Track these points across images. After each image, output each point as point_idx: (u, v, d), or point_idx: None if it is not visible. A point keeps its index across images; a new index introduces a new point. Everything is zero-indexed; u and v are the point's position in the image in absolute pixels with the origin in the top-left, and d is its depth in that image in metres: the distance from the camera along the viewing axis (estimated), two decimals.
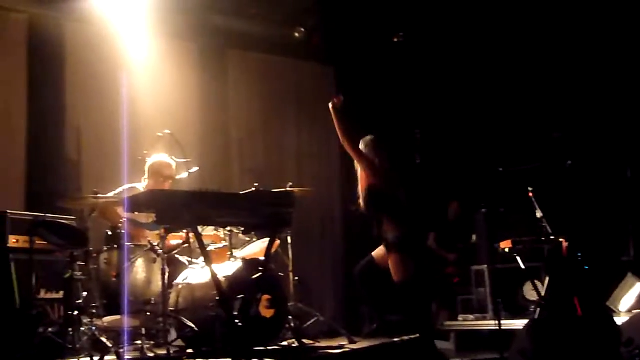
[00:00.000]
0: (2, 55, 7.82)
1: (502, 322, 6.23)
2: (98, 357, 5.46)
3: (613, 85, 9.25)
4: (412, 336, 7.05)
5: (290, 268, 6.86)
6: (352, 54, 10.23)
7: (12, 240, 6.40)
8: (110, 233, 6.17)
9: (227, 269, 5.92)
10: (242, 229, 5.98)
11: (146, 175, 6.72)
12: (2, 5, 7.85)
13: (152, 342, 5.91)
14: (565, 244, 7.08)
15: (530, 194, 7.19)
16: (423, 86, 10.23)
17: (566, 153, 8.22)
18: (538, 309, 6.50)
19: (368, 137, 7.15)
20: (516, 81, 9.73)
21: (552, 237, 7.14)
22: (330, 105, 6.89)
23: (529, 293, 8.43)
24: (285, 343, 6.25)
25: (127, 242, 6.04)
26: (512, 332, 6.83)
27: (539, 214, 7.15)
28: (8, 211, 6.51)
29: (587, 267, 8.07)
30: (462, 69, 10.01)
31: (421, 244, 7.33)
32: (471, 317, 9.04)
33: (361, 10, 9.50)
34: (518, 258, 6.87)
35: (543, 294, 6.63)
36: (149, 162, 6.70)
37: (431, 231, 9.94)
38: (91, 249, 5.95)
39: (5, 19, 7.86)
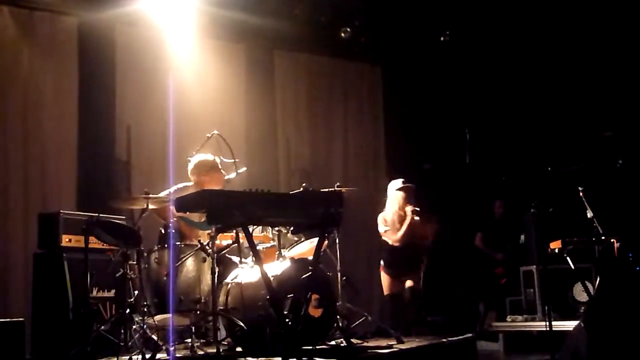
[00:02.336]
0: (53, 57, 7.97)
1: (553, 323, 6.15)
2: (149, 355, 5.51)
3: None
4: (460, 337, 7.03)
5: (339, 268, 6.85)
6: (399, 53, 10.21)
7: (66, 240, 6.51)
8: (163, 231, 6.23)
9: (276, 268, 5.94)
10: (292, 228, 6.00)
11: (190, 176, 6.77)
12: (53, 9, 7.98)
13: (202, 341, 5.96)
14: (616, 245, 6.99)
15: (581, 194, 7.11)
16: (472, 85, 10.17)
17: (617, 152, 8.11)
18: (589, 310, 6.41)
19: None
20: (567, 79, 9.63)
21: (603, 238, 7.06)
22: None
23: (579, 294, 8.34)
24: (333, 343, 6.25)
25: (180, 241, 6.10)
26: (561, 333, 6.77)
27: (589, 214, 7.07)
28: (61, 211, 6.62)
29: (638, 268, 7.95)
30: (512, 67, 9.94)
31: None
32: (520, 317, 8.96)
33: (407, 10, 9.49)
34: (568, 258, 6.80)
35: (594, 295, 6.54)
36: (192, 162, 6.74)
37: (479, 231, 9.91)
38: (142, 248, 6.02)
39: (55, 22, 8.00)
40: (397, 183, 7.55)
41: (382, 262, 7.70)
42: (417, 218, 7.34)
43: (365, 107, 10.49)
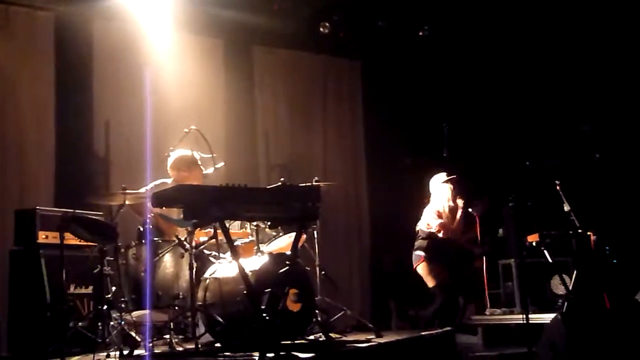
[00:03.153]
0: (30, 52, 7.89)
1: (530, 315, 6.19)
2: (127, 351, 5.50)
3: None
4: (439, 330, 7.07)
5: (317, 262, 6.87)
6: (378, 48, 10.21)
7: (42, 236, 6.46)
8: (141, 229, 6.21)
9: (254, 263, 5.94)
10: (269, 223, 6.00)
11: (169, 171, 6.75)
12: (29, 3, 7.91)
13: (180, 337, 5.96)
14: (593, 238, 7.04)
15: (558, 188, 7.15)
16: (450, 80, 10.20)
17: (594, 146, 8.16)
18: (566, 303, 6.46)
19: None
20: (544, 74, 9.68)
21: (580, 231, 7.10)
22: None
23: (557, 287, 8.39)
24: (312, 337, 6.27)
25: (158, 237, 6.08)
26: (540, 326, 6.81)
27: (566, 208, 7.11)
28: (37, 207, 6.58)
29: (615, 261, 8.02)
30: (489, 62, 9.97)
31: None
32: (499, 311, 9.01)
33: (386, 5, 9.49)
34: (545, 252, 6.83)
35: (571, 287, 6.58)
36: (172, 157, 6.73)
37: None
38: (120, 244, 5.99)
39: (32, 16, 7.93)
40: (442, 176, 7.56)
41: (422, 254, 7.69)
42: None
43: (345, 103, 10.49)
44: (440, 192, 7.60)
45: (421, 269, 7.69)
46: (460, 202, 7.52)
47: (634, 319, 6.22)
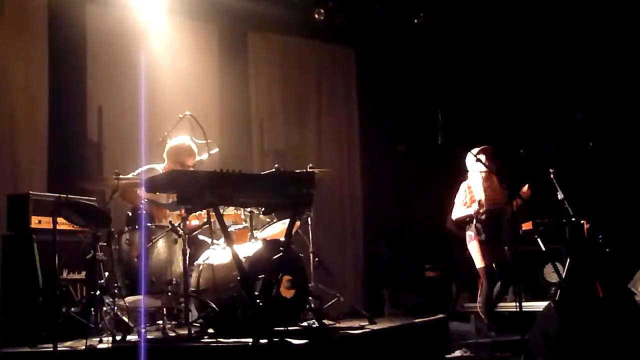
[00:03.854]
0: (23, 37, 7.83)
1: (523, 303, 6.21)
2: (120, 337, 5.50)
3: (637, 68, 9.16)
4: (432, 317, 7.08)
5: (311, 249, 6.87)
6: (373, 35, 10.19)
7: (35, 221, 6.44)
8: (130, 214, 6.20)
9: (248, 249, 5.93)
10: (263, 209, 5.99)
11: (165, 157, 6.72)
12: None
13: (173, 322, 5.96)
14: (586, 226, 7.03)
15: (552, 176, 7.14)
16: (445, 67, 10.19)
17: (588, 134, 8.14)
18: (559, 291, 6.47)
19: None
20: (539, 62, 9.67)
21: (573, 219, 7.10)
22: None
23: (550, 275, 8.42)
24: (305, 323, 6.27)
25: (148, 222, 6.07)
26: (532, 314, 6.83)
27: (560, 196, 7.10)
28: (30, 192, 6.55)
29: (608, 250, 8.02)
30: (484, 50, 9.96)
31: None
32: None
33: None
34: (539, 240, 6.84)
35: (564, 276, 6.59)
36: (169, 144, 6.70)
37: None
38: (113, 229, 5.98)
39: (25, 1, 7.87)
40: (475, 150, 7.37)
41: (472, 233, 7.49)
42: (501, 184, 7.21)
43: (339, 89, 10.48)
44: (474, 165, 7.42)
45: (471, 248, 7.51)
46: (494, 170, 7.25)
47: (626, 307, 6.25)
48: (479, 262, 7.46)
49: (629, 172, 9.07)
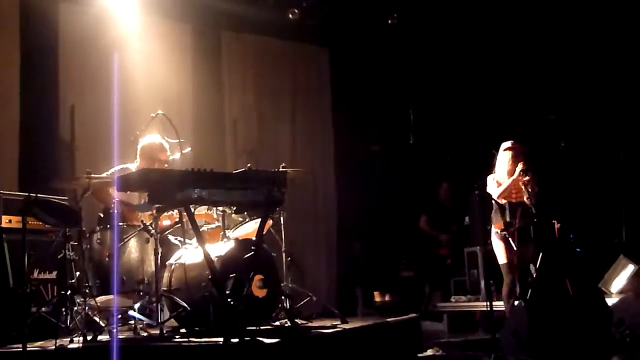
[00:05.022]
0: None
1: (494, 303, 6.25)
2: (91, 337, 5.47)
3: (609, 70, 9.25)
4: (405, 316, 7.11)
5: (283, 248, 6.87)
6: (347, 35, 10.21)
7: (5, 220, 6.38)
8: (102, 215, 6.17)
9: (220, 248, 5.92)
10: (235, 208, 5.98)
11: (138, 157, 6.69)
12: None
13: (145, 322, 5.93)
14: (557, 226, 7.09)
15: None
16: (417, 67, 10.23)
17: (560, 135, 8.22)
18: (529, 290, 6.52)
19: None
20: (512, 62, 9.73)
21: (544, 219, 7.15)
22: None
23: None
24: (278, 323, 6.28)
25: (120, 222, 6.04)
26: (503, 313, 6.88)
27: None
28: (0, 191, 6.49)
29: (579, 249, 8.10)
30: (457, 50, 10.01)
31: None
32: (464, 298, 9.09)
33: None
34: (510, 240, 6.87)
35: (534, 275, 6.64)
36: (141, 143, 6.66)
37: (423, 213, 10.00)
38: (84, 229, 5.94)
39: None
40: (506, 144, 7.29)
41: (496, 230, 7.21)
42: (526, 177, 7.07)
43: (313, 89, 10.49)
44: (501, 159, 7.34)
45: (494, 243, 7.27)
46: (518, 168, 7.14)
47: (596, 306, 6.30)
48: (499, 259, 7.21)
49: (600, 173, 9.15)
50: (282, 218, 6.86)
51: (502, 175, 7.17)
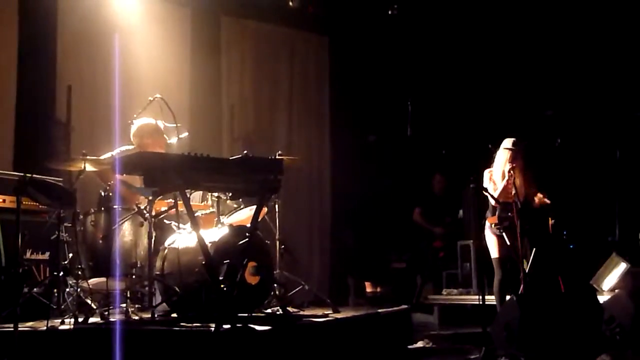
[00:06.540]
0: None
1: (486, 297, 6.26)
2: (82, 318, 5.47)
3: (606, 66, 9.25)
4: (395, 308, 7.12)
5: (277, 236, 6.87)
6: (347, 24, 10.19)
7: None
8: (103, 194, 6.13)
9: (214, 234, 5.92)
10: (230, 194, 5.98)
11: (133, 139, 6.67)
12: None
13: (137, 305, 5.94)
14: (551, 222, 7.09)
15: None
16: (416, 59, 10.22)
17: (556, 131, 8.22)
18: (521, 285, 6.54)
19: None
20: (510, 57, 9.73)
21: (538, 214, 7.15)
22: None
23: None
24: (269, 310, 6.28)
25: (120, 204, 6.03)
26: (495, 307, 6.89)
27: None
28: None
29: (572, 246, 8.11)
30: (456, 43, 10.00)
31: None
32: (455, 291, 9.11)
33: None
34: (504, 234, 6.88)
35: (527, 270, 6.65)
36: (135, 125, 6.64)
37: (417, 206, 10.00)
38: (78, 210, 5.93)
39: None
40: (507, 142, 7.22)
41: (488, 223, 7.16)
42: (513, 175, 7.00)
43: (311, 77, 10.47)
44: (499, 156, 7.29)
45: (487, 237, 7.21)
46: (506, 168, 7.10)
47: (587, 303, 6.32)
48: (492, 253, 7.16)
49: (595, 169, 9.16)
50: (276, 206, 6.86)
51: (498, 174, 7.17)
